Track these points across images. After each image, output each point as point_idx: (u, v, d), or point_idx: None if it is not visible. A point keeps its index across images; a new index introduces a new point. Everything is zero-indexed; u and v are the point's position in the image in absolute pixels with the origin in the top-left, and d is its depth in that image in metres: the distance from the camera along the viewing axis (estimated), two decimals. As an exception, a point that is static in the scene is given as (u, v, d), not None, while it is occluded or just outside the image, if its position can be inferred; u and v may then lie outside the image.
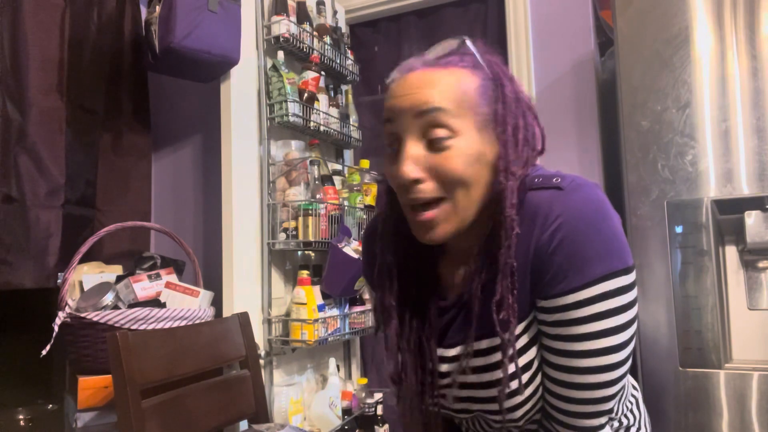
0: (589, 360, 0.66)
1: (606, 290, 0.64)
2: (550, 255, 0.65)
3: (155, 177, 2.01)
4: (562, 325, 0.67)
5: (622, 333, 0.66)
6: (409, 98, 0.68)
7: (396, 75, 0.73)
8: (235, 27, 1.60)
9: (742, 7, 1.31)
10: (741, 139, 1.28)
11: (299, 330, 1.68)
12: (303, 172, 1.74)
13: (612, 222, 0.66)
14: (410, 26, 2.29)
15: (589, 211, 0.65)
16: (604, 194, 0.68)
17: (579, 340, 0.66)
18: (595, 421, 0.71)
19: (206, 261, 1.87)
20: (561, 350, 0.68)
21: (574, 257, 0.64)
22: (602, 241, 0.64)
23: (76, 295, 1.46)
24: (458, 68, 0.70)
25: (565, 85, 1.92)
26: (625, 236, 0.67)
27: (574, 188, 0.67)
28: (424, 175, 0.68)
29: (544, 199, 0.67)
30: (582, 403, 0.69)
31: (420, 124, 0.68)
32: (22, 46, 1.49)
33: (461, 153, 0.67)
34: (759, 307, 1.29)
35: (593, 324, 0.65)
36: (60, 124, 1.57)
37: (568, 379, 0.68)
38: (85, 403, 1.30)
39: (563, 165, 1.86)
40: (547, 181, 0.69)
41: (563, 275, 0.65)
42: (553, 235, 0.65)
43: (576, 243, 0.64)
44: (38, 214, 1.50)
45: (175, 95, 2.04)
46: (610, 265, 0.64)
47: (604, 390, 0.68)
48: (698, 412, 1.28)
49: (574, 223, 0.65)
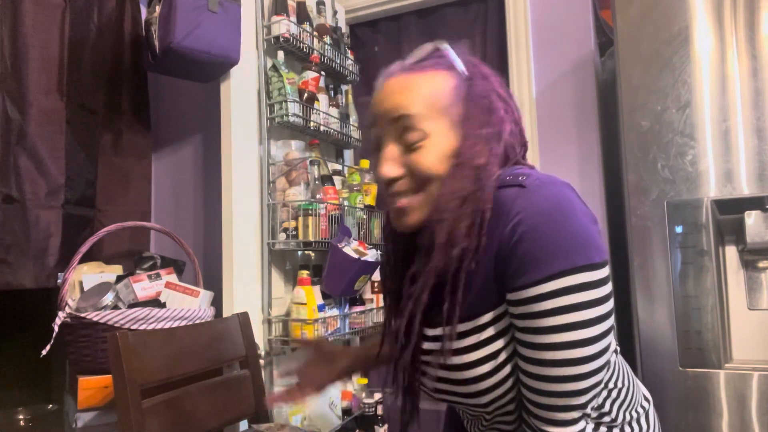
0: (555, 353, 0.68)
1: (568, 285, 0.66)
2: (512, 249, 0.68)
3: (155, 177, 2.01)
4: (527, 317, 0.69)
5: (590, 328, 0.67)
6: (385, 104, 0.76)
7: (379, 80, 0.79)
8: (235, 27, 1.60)
9: (742, 7, 1.31)
10: (741, 139, 1.28)
11: (299, 330, 1.68)
12: (303, 172, 1.74)
13: (575, 219, 0.67)
14: (410, 26, 2.29)
15: (548, 208, 0.67)
16: (574, 193, 0.71)
17: (543, 333, 0.68)
18: (567, 415, 0.72)
19: (206, 261, 1.87)
20: (529, 342, 0.70)
21: (534, 251, 0.66)
22: (564, 237, 0.66)
23: (76, 295, 1.46)
24: (432, 71, 0.76)
25: (565, 85, 1.92)
26: (595, 233, 0.69)
27: (537, 186, 0.70)
28: (401, 173, 0.75)
29: (508, 195, 0.71)
30: (551, 395, 0.70)
31: (395, 127, 0.75)
32: (22, 46, 1.49)
33: (432, 152, 0.74)
34: (759, 307, 1.29)
35: (556, 318, 0.66)
36: (60, 124, 1.57)
37: (536, 371, 0.70)
38: (85, 403, 1.30)
39: (563, 165, 1.86)
40: (514, 179, 0.72)
41: (524, 269, 0.67)
42: (514, 229, 0.68)
43: (536, 238, 0.66)
44: (38, 214, 1.50)
45: (175, 95, 2.04)
46: (571, 260, 0.66)
47: (572, 384, 0.69)
48: (698, 412, 1.28)
49: (534, 219, 0.67)
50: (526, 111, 1.94)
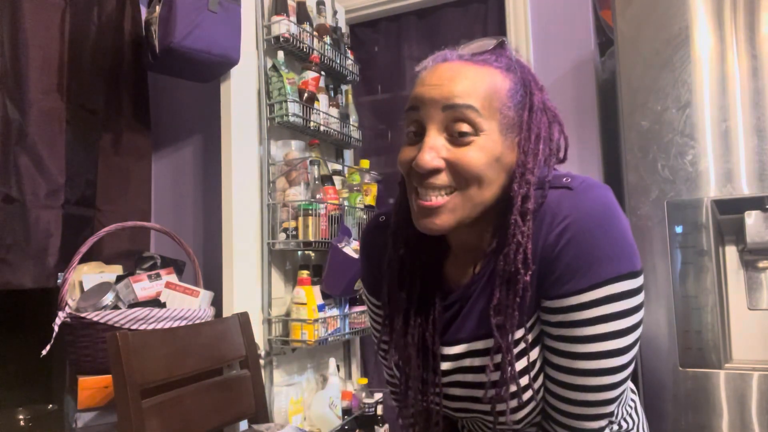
0: (592, 362, 0.66)
1: (612, 293, 0.64)
2: (557, 255, 0.65)
3: (155, 177, 2.01)
4: (566, 326, 0.66)
5: (627, 336, 0.65)
6: (439, 89, 0.67)
7: (428, 63, 0.72)
8: (235, 27, 1.60)
9: (742, 7, 1.31)
10: (741, 139, 1.28)
11: (299, 330, 1.68)
12: (303, 172, 1.74)
13: (621, 225, 0.66)
14: (410, 26, 2.29)
15: (597, 213, 0.65)
16: (614, 197, 0.68)
17: (582, 342, 0.65)
18: (595, 424, 0.70)
19: (206, 261, 1.87)
20: (563, 351, 0.67)
21: (580, 259, 0.64)
22: (610, 244, 0.64)
23: (76, 295, 1.46)
24: (492, 67, 0.70)
25: (565, 85, 1.92)
26: (634, 240, 0.67)
27: (584, 189, 0.67)
28: (442, 165, 0.67)
29: (552, 198, 0.67)
30: (582, 405, 0.68)
31: (446, 116, 0.67)
32: (22, 46, 1.49)
33: (482, 151, 0.67)
34: (759, 307, 1.29)
35: (597, 326, 0.64)
36: (60, 124, 1.57)
37: (569, 381, 0.68)
38: (85, 403, 1.30)
39: (563, 165, 1.85)
40: (557, 180, 0.69)
41: (569, 276, 0.64)
42: (561, 235, 0.65)
43: (583, 244, 0.64)
44: (38, 214, 1.50)
45: (175, 95, 2.04)
46: (617, 267, 0.64)
47: (605, 393, 0.67)
48: (698, 412, 1.28)
49: (582, 224, 0.64)
50: (526, 111, 1.94)
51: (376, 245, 0.84)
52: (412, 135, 0.71)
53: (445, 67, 0.69)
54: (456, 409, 0.79)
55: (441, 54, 0.72)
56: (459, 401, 0.77)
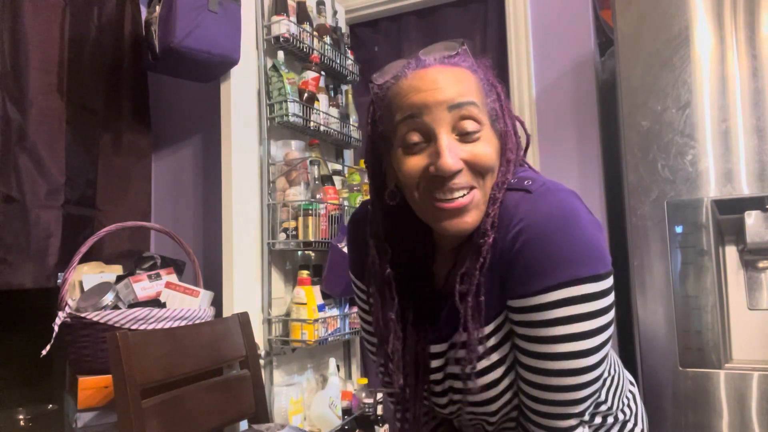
0: (556, 363, 0.67)
1: (571, 295, 0.64)
2: (514, 256, 0.66)
3: (155, 177, 2.01)
4: (529, 326, 0.68)
5: (592, 338, 0.66)
6: (441, 92, 0.68)
7: (404, 71, 0.72)
8: (235, 27, 1.60)
9: (742, 7, 1.31)
10: (741, 139, 1.28)
11: (299, 330, 1.68)
12: (303, 172, 1.74)
13: (581, 230, 0.65)
14: (410, 26, 2.29)
15: (554, 217, 0.65)
16: (580, 201, 0.68)
17: (545, 342, 0.67)
18: (565, 423, 0.71)
19: (206, 261, 1.87)
20: (529, 351, 0.69)
21: (537, 261, 0.65)
22: (566, 248, 0.64)
23: (76, 295, 1.46)
24: (464, 68, 0.72)
25: (565, 85, 1.92)
26: (601, 243, 0.66)
27: (543, 193, 0.67)
28: (462, 166, 0.68)
29: (512, 200, 0.69)
30: (551, 404, 0.70)
31: (452, 116, 0.68)
32: (22, 46, 1.49)
33: (489, 144, 0.70)
34: (759, 307, 1.29)
35: (557, 328, 0.65)
36: (60, 124, 1.57)
37: (537, 380, 0.69)
38: (85, 403, 1.30)
39: (563, 165, 1.86)
40: (519, 183, 0.70)
41: (527, 277, 0.66)
42: (516, 237, 0.66)
43: (538, 247, 0.65)
44: (38, 214, 1.50)
45: (175, 95, 2.04)
46: (576, 271, 0.64)
47: (573, 393, 0.68)
48: (698, 412, 1.28)
49: (536, 228, 0.65)
50: (526, 111, 1.94)
51: (364, 235, 0.84)
52: (412, 144, 0.70)
53: (431, 71, 0.70)
54: (444, 405, 0.81)
55: (413, 61, 0.72)
56: (445, 396, 0.80)
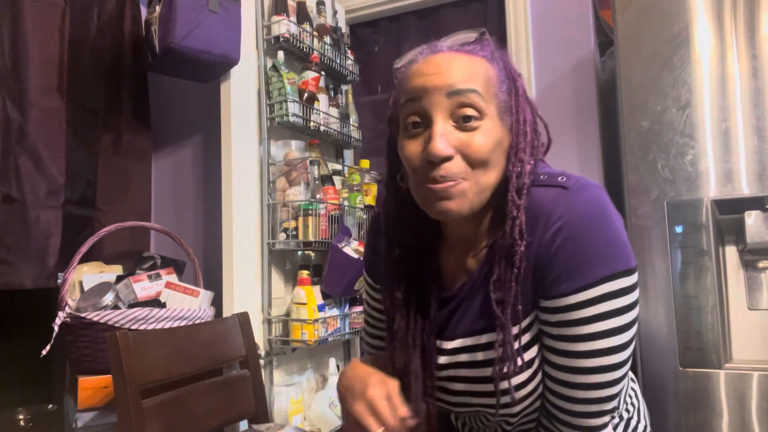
0: (592, 360, 0.66)
1: (608, 291, 0.65)
2: (552, 255, 0.66)
3: (155, 177, 2.01)
4: (565, 325, 0.67)
5: (625, 333, 0.66)
6: (441, 77, 0.68)
7: (417, 56, 0.73)
8: (235, 27, 1.60)
9: (742, 7, 1.31)
10: (741, 139, 1.28)
11: (299, 330, 1.68)
12: (303, 172, 1.74)
13: (615, 224, 0.66)
14: (410, 26, 2.29)
15: (592, 213, 0.65)
16: (608, 196, 0.68)
17: (582, 341, 0.66)
18: (598, 421, 0.71)
19: (206, 261, 1.87)
20: (563, 350, 0.68)
21: (576, 258, 0.65)
22: (605, 243, 0.65)
23: (76, 295, 1.46)
24: (479, 57, 0.71)
25: (565, 85, 1.92)
26: (627, 238, 0.68)
27: (579, 188, 0.67)
28: (454, 153, 0.67)
29: (547, 197, 0.68)
30: (584, 402, 0.69)
31: (451, 103, 0.68)
32: (22, 47, 1.49)
33: (488, 135, 0.68)
34: (759, 307, 1.29)
35: (596, 324, 0.65)
36: (60, 124, 1.57)
37: (571, 379, 0.68)
38: (85, 403, 1.30)
39: (563, 165, 1.84)
40: (551, 179, 0.69)
41: (566, 276, 0.65)
42: (555, 235, 0.65)
43: (578, 244, 0.65)
44: (38, 214, 1.50)
45: (175, 95, 2.04)
46: (613, 266, 0.65)
47: (606, 390, 0.68)
48: (698, 412, 1.28)
49: (576, 224, 0.65)
50: (526, 111, 1.94)
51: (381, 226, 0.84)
52: (411, 127, 0.70)
53: (439, 56, 0.70)
54: (455, 404, 0.80)
55: (431, 46, 0.73)
56: (458, 396, 0.78)
